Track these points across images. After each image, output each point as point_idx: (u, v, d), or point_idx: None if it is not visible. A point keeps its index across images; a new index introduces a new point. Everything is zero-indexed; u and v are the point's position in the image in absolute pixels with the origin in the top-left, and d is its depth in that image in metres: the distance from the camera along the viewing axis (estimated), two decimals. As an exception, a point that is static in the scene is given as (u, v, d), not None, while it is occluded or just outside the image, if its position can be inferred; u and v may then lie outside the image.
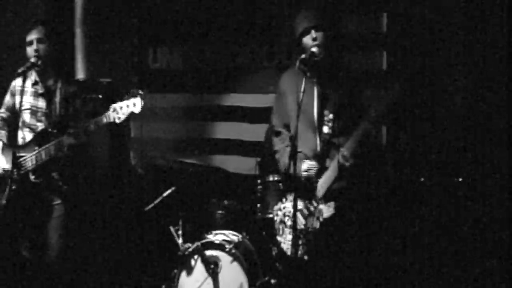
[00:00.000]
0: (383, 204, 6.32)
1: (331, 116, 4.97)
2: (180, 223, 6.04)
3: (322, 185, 4.99)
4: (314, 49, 4.89)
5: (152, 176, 7.04)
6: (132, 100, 5.13)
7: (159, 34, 7.43)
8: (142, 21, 7.43)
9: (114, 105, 5.15)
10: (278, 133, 5.29)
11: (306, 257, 4.97)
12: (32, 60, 5.27)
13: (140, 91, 5.13)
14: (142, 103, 5.09)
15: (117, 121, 5.15)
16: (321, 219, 4.95)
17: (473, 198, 6.12)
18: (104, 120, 5.17)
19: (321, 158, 5.02)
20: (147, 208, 6.38)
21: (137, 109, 5.12)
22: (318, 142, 5.04)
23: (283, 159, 5.16)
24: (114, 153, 6.96)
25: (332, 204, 4.96)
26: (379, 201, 6.30)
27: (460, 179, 6.10)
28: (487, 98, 6.20)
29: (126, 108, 5.12)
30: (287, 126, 5.22)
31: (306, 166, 5.00)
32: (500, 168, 6.10)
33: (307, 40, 4.97)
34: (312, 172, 4.96)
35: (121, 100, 5.13)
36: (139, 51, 7.47)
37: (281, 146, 5.21)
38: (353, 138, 4.91)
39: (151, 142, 7.40)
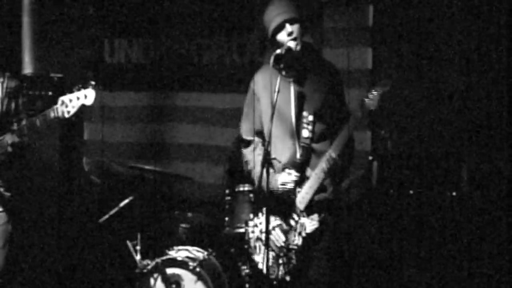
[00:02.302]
0: (370, 217, 6.20)
1: (310, 117, 4.69)
2: (139, 237, 5.81)
3: (304, 196, 4.69)
4: (290, 44, 4.59)
5: (108, 184, 6.97)
6: (83, 92, 4.88)
7: (117, 24, 7.26)
8: (98, 9, 7.27)
9: (62, 98, 4.91)
10: (248, 142, 4.99)
11: (288, 278, 4.71)
12: None
13: (92, 82, 4.90)
14: (95, 95, 4.88)
15: (66, 115, 4.90)
16: (303, 235, 4.68)
17: (470, 215, 5.93)
18: (52, 114, 4.92)
19: (301, 166, 4.72)
20: (101, 220, 6.14)
21: (89, 101, 4.89)
22: (297, 148, 4.75)
23: (256, 170, 4.87)
24: (65, 158, 6.74)
25: (315, 217, 4.68)
26: (366, 214, 6.23)
27: (454, 193, 5.89)
28: (487, 99, 6.06)
29: (76, 100, 4.88)
30: (260, 134, 4.94)
31: (283, 179, 4.72)
32: (500, 180, 5.97)
33: (281, 36, 4.66)
34: (290, 186, 4.70)
35: (71, 92, 4.91)
36: (94, 44, 7.32)
37: (251, 156, 4.94)
38: (339, 140, 4.66)
39: (107, 146, 7.26)
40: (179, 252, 5.82)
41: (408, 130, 6.36)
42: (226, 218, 5.92)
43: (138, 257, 5.76)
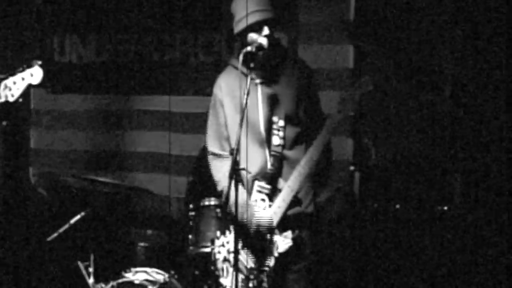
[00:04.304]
0: (350, 234, 6.15)
1: (281, 123, 4.56)
2: (91, 257, 5.60)
3: (275, 211, 4.52)
4: (261, 40, 4.42)
5: (57, 198, 6.80)
6: (29, 71, 4.74)
7: (68, 19, 6.99)
8: (47, 1, 7.01)
9: (5, 81, 4.79)
10: (218, 156, 4.80)
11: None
12: None
13: (38, 61, 4.75)
14: (42, 73, 4.71)
15: (11, 99, 4.76)
16: (276, 254, 4.53)
17: (463, 232, 5.86)
18: None
19: (272, 177, 4.56)
20: (50, 238, 5.85)
21: (36, 80, 4.73)
22: (267, 157, 4.58)
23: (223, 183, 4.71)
24: (9, 169, 6.80)
25: (289, 234, 4.52)
26: (345, 230, 6.16)
27: (446, 208, 5.84)
28: (482, 104, 5.94)
29: (21, 81, 4.75)
30: (227, 141, 4.78)
31: (257, 219, 4.56)
32: (497, 194, 5.84)
33: (254, 35, 4.49)
34: (264, 226, 4.54)
35: (14, 74, 4.79)
36: (42, 41, 7.06)
37: (220, 175, 4.73)
38: (314, 148, 4.51)
39: (56, 155, 7.04)
40: (137, 275, 5.63)
41: (394, 137, 6.26)
42: (190, 236, 5.64)
43: (91, 280, 5.56)
